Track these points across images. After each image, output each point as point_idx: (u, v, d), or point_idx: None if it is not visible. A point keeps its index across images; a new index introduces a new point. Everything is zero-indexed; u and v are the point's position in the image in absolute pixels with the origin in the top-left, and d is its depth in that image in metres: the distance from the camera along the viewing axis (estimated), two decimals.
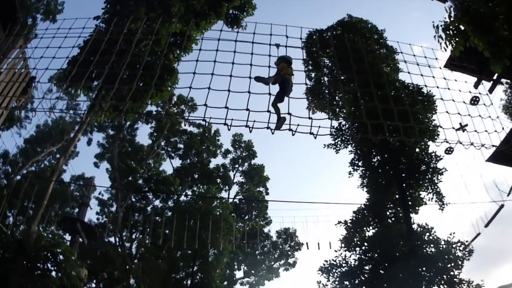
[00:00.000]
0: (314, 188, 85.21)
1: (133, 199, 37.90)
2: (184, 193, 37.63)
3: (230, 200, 37.98)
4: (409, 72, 12.19)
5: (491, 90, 13.76)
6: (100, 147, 39.58)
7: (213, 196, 33.43)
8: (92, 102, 19.01)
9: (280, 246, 40.95)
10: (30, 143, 36.57)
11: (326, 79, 26.09)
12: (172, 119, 39.44)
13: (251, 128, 8.95)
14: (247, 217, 41.29)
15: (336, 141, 24.71)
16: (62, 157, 24.29)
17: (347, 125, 24.67)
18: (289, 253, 41.33)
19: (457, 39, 10.71)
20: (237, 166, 43.94)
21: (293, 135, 9.05)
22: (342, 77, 22.34)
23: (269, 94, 9.37)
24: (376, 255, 20.76)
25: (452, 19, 10.75)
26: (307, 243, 24.69)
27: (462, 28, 10.44)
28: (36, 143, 36.70)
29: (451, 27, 10.85)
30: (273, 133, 9.07)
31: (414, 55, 12.48)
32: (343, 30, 23.75)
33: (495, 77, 13.99)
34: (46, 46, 10.61)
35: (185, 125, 43.81)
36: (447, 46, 11.18)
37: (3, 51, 11.01)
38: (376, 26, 25.20)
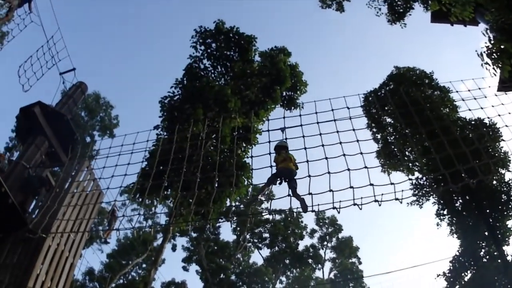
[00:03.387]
0: (407, 245, 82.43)
1: None
2: (278, 281, 37.29)
3: (325, 278, 37.36)
4: (469, 109, 11.94)
5: None
6: (185, 251, 40.37)
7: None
8: (173, 213, 19.26)
9: None
10: (114, 257, 37.56)
11: (392, 137, 25.90)
12: (257, 215, 39.52)
13: (339, 209, 8.86)
14: None
15: (418, 196, 24.40)
16: (153, 269, 24.93)
17: (424, 178, 24.26)
18: None
19: (502, 60, 10.59)
20: (325, 243, 43.65)
21: (379, 205, 8.79)
22: (407, 131, 22.14)
23: (348, 170, 9.26)
24: None
25: (492, 41, 10.71)
26: None
27: (502, 47, 10.35)
28: (119, 256, 37.61)
29: (494, 49, 10.77)
30: (360, 209, 8.83)
31: (469, 90, 12.30)
32: (395, 83, 23.93)
33: None
34: (115, 164, 10.88)
35: (272, 218, 43.77)
36: (495, 71, 11.05)
37: (72, 175, 11.64)
38: (424, 71, 25.05)
